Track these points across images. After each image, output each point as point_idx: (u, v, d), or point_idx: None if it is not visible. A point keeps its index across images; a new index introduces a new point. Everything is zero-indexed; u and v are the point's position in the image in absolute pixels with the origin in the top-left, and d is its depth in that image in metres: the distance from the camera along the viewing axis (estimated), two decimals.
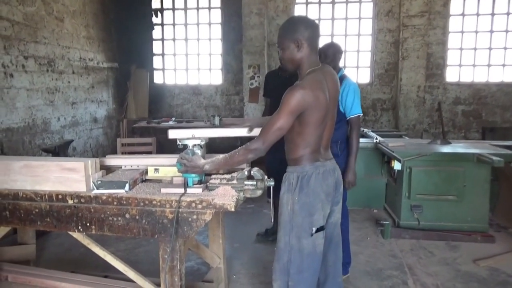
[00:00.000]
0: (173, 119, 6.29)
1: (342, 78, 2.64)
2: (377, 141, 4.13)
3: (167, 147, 5.97)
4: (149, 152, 4.47)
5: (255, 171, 1.81)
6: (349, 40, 6.82)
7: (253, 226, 3.75)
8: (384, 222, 3.51)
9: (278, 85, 3.16)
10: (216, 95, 7.31)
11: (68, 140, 3.89)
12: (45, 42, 5.31)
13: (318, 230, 1.75)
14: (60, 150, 3.06)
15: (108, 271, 2.43)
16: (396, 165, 3.56)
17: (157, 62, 7.42)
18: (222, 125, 5.84)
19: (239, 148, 1.74)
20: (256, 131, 2.06)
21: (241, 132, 2.11)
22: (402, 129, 6.36)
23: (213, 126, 5.74)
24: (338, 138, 2.58)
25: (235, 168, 1.99)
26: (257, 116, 6.56)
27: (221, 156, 1.79)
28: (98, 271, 2.56)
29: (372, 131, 4.87)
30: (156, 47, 7.38)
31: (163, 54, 7.39)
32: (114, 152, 6.23)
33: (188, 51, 7.30)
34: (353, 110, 2.60)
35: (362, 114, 2.66)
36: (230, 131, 2.10)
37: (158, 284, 1.91)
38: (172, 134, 2.00)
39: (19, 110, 4.84)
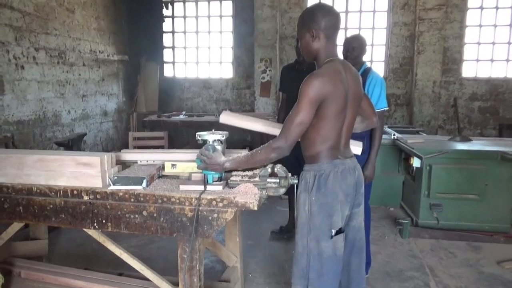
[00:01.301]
0: (184, 113, 6.22)
1: (367, 71, 2.55)
2: (395, 137, 4.04)
3: (178, 141, 5.95)
4: (161, 146, 4.41)
5: (279, 168, 1.73)
6: (363, 34, 6.65)
7: (267, 223, 3.68)
8: (403, 221, 3.41)
9: (294, 79, 3.06)
10: (226, 89, 7.24)
11: (81, 133, 3.84)
12: (56, 34, 5.26)
13: (337, 233, 1.66)
14: (73, 144, 3.01)
15: (121, 268, 2.38)
16: (415, 162, 3.47)
17: (167, 55, 7.36)
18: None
19: (261, 146, 1.66)
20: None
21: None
22: (416, 125, 6.24)
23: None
24: (363, 133, 2.48)
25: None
26: (268, 111, 6.48)
27: (242, 154, 1.72)
28: (111, 268, 2.51)
29: (388, 127, 4.76)
30: (167, 39, 7.32)
31: (173, 47, 7.33)
32: (124, 145, 6.20)
33: (199, 44, 7.23)
34: (379, 104, 2.52)
35: (387, 108, 2.57)
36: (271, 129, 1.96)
37: (175, 283, 1.86)
38: (224, 118, 1.97)
39: (30, 103, 4.81)
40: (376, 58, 6.75)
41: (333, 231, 1.64)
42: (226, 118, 2.07)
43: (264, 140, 5.65)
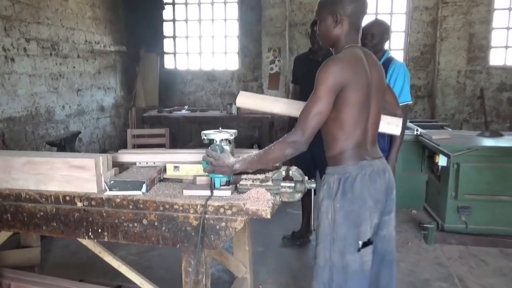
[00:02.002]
0: (186, 107, 6.16)
1: (389, 60, 2.47)
2: (418, 133, 3.95)
3: (181, 138, 5.89)
4: (162, 145, 4.35)
5: (294, 171, 1.65)
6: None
7: (277, 227, 3.61)
8: (428, 225, 3.33)
9: (308, 70, 2.98)
10: (232, 82, 7.18)
11: (75, 131, 3.79)
12: (48, 23, 5.21)
13: (365, 244, 1.58)
14: (66, 143, 2.95)
15: (119, 278, 2.32)
16: (441, 161, 3.39)
17: (168, 45, 7.30)
18: (240, 114, 5.67)
19: (274, 142, 1.58)
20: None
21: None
22: (439, 119, 6.14)
23: (230, 115, 5.60)
24: None
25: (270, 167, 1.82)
26: None
27: (253, 153, 1.65)
28: (108, 279, 2.46)
29: (409, 122, 4.65)
30: (167, 28, 7.26)
31: (174, 37, 7.27)
32: (122, 143, 6.17)
33: (202, 33, 7.16)
34: (402, 97, 2.44)
35: (411, 102, 2.48)
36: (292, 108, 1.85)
37: None
38: (241, 101, 1.87)
39: (21, 98, 4.78)
40: (394, 46, 6.63)
41: (360, 243, 1.57)
42: (243, 100, 1.94)
43: (273, 136, 5.63)
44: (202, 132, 1.73)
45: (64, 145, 2.93)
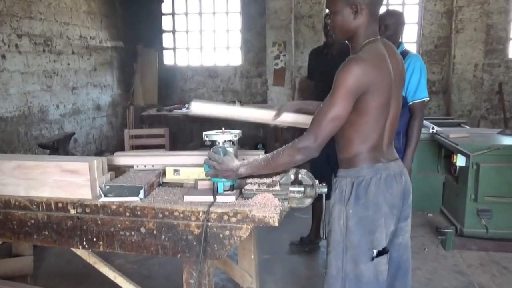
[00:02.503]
0: (187, 105, 6.11)
1: (405, 54, 2.45)
2: (434, 131, 3.91)
3: (181, 138, 5.86)
4: (162, 146, 4.32)
5: (303, 174, 1.62)
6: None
7: (285, 233, 3.56)
8: (446, 230, 3.27)
9: (323, 65, 2.96)
10: (235, 78, 7.15)
11: (69, 133, 3.77)
12: (41, 18, 5.20)
13: (380, 253, 1.54)
14: (59, 146, 2.92)
15: None
16: (459, 161, 3.35)
17: (167, 40, 7.29)
18: None
19: (283, 147, 1.54)
20: (286, 118, 1.86)
21: (265, 115, 1.88)
22: (455, 116, 6.08)
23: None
24: (399, 129, 2.39)
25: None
26: (283, 102, 6.34)
27: (260, 157, 1.61)
28: None
29: (424, 119, 4.59)
30: (166, 22, 7.24)
31: (173, 31, 7.24)
32: (120, 144, 6.14)
33: (203, 27, 7.13)
34: (418, 93, 2.41)
35: (428, 99, 2.44)
36: (254, 113, 1.85)
37: None
38: (195, 107, 1.87)
39: (13, 97, 4.76)
40: (406, 39, 6.55)
41: (375, 251, 1.53)
42: (198, 108, 1.96)
43: (278, 135, 5.59)
44: (204, 133, 1.69)
45: (57, 148, 2.90)
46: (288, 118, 1.89)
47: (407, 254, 1.67)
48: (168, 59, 7.33)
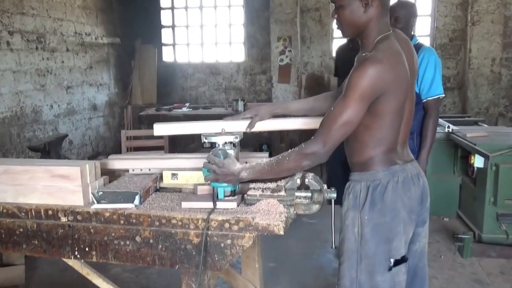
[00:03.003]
0: (187, 105, 6.10)
1: (418, 47, 2.42)
2: (450, 130, 3.89)
3: (182, 141, 5.84)
4: (160, 148, 4.30)
5: (311, 178, 1.59)
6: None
7: (291, 239, 3.53)
8: (463, 236, 3.23)
9: (348, 62, 2.93)
10: (237, 75, 7.13)
11: (61, 134, 3.76)
12: (33, 14, 5.20)
13: (398, 263, 1.52)
14: (51, 148, 2.89)
15: None
16: (477, 162, 3.30)
17: (166, 35, 7.27)
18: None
19: (289, 151, 1.52)
20: (261, 127, 1.88)
21: (238, 127, 1.86)
22: (472, 113, 6.02)
23: (236, 112, 5.56)
24: (413, 128, 2.35)
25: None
26: (289, 100, 6.30)
27: (264, 160, 1.58)
28: None
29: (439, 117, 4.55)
30: (165, 17, 7.23)
31: (173, 26, 7.23)
32: (117, 145, 6.13)
33: (204, 22, 7.11)
34: (433, 90, 2.38)
35: (443, 96, 2.40)
36: (225, 126, 1.82)
37: None
38: (158, 130, 1.96)
39: (5, 97, 4.75)
40: (419, 32, 6.49)
41: (392, 261, 1.51)
42: (162, 130, 2.08)
43: (284, 135, 5.55)
44: (202, 134, 1.67)
45: (48, 150, 2.87)
46: (264, 127, 1.90)
47: (424, 261, 1.65)
48: (167, 55, 7.32)
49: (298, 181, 1.59)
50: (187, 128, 2.01)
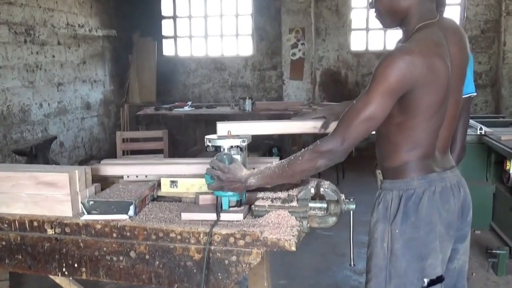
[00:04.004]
0: (189, 103, 6.12)
1: None
2: (482, 132, 3.86)
3: (183, 141, 5.84)
4: (160, 151, 4.29)
5: (327, 187, 1.57)
6: None
7: (304, 253, 3.50)
8: (498, 252, 3.18)
9: None
10: (245, 71, 7.15)
11: (50, 136, 3.76)
12: (22, 4, 5.25)
13: (433, 283, 1.49)
14: (38, 152, 2.89)
15: None
16: None
17: (167, 27, 7.33)
18: (255, 111, 5.61)
19: (302, 150, 1.50)
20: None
21: (308, 127, 1.86)
22: (506, 113, 6.05)
23: (243, 112, 5.54)
24: None
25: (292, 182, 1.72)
26: (301, 98, 6.29)
27: (273, 163, 1.56)
28: None
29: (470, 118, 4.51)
30: (166, 7, 7.30)
31: (174, 17, 7.29)
32: (113, 148, 6.15)
33: (208, 12, 7.15)
34: (465, 87, 2.29)
35: (475, 94, 2.38)
36: (289, 126, 1.81)
37: None
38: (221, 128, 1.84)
39: None
40: None
41: (426, 281, 1.49)
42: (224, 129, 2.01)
43: (296, 138, 5.53)
44: (206, 137, 1.68)
45: (35, 154, 2.87)
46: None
47: (462, 282, 1.63)
48: (168, 49, 7.37)
49: (312, 190, 1.57)
50: (250, 128, 1.97)
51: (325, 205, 1.56)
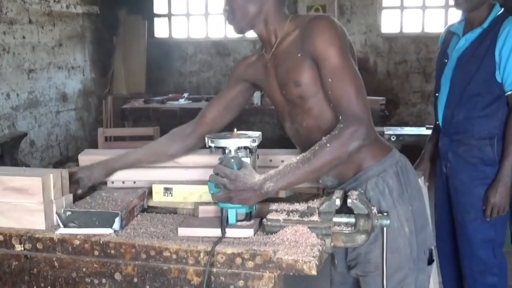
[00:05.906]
0: (186, 95, 6.17)
1: (500, 20, 2.44)
2: None
3: None
4: None
5: (355, 198, 1.55)
6: None
7: (324, 275, 3.48)
8: None
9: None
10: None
11: (19, 133, 3.79)
12: None
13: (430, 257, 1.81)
14: (5, 152, 2.94)
15: None
16: None
17: (159, 4, 7.37)
18: (265, 105, 5.64)
19: (323, 139, 1.54)
20: None
21: None
22: None
23: (251, 106, 5.55)
24: (493, 130, 2.43)
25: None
26: None
27: (293, 160, 1.56)
28: None
29: None
30: None
31: None
32: (94, 148, 6.18)
33: None
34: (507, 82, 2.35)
35: None
36: None
37: None
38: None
39: None
40: None
41: (427, 251, 1.77)
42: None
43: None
44: (207, 136, 1.67)
45: (1, 154, 2.92)
46: None
47: None
48: (160, 30, 7.44)
49: (338, 201, 1.56)
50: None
51: (353, 220, 1.55)
